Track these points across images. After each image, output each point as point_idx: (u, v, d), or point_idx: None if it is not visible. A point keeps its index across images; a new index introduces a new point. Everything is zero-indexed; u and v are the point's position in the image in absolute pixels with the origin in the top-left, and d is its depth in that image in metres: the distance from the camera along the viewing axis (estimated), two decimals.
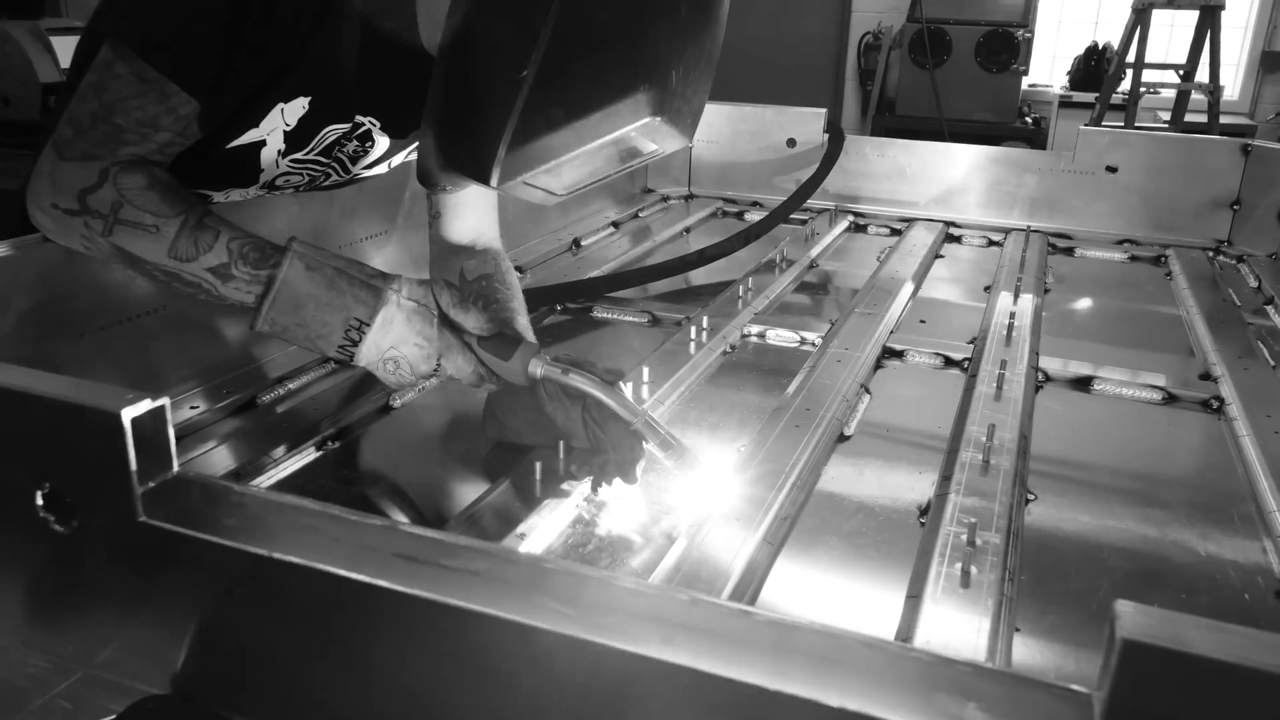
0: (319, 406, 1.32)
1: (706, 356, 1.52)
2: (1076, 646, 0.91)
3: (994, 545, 1.01)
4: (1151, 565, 1.04)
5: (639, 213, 2.49)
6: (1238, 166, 2.28)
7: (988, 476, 1.16)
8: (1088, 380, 1.50)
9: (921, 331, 1.69)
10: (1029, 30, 5.88)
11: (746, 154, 2.66)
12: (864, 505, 1.13)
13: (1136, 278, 2.14)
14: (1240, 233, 2.29)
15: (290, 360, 1.43)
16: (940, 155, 2.52)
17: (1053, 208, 2.42)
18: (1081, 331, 1.78)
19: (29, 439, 0.68)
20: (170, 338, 1.29)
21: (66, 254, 1.08)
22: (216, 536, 0.65)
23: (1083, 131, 2.39)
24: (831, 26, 6.83)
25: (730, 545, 1.00)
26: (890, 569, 1.01)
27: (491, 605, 0.57)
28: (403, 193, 1.73)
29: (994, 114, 6.02)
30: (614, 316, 1.73)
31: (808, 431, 1.26)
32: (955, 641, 0.86)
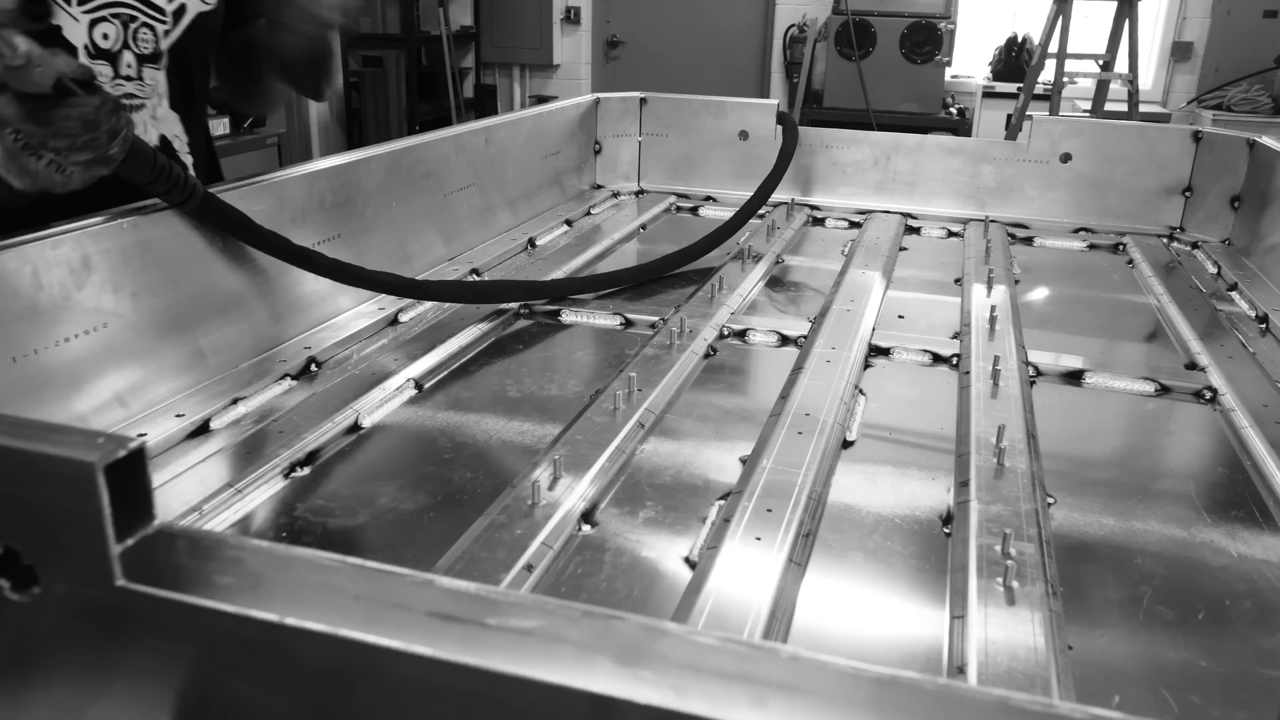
0: (281, 428, 1.20)
1: (689, 360, 1.45)
2: (1133, 665, 0.86)
3: (1029, 556, 0.96)
4: (1186, 570, 1.00)
5: (591, 210, 2.40)
6: (1189, 154, 2.29)
7: (1004, 480, 1.11)
8: (1079, 374, 1.47)
9: (902, 328, 1.64)
10: (951, 22, 5.95)
11: (697, 147, 2.60)
12: (883, 517, 1.07)
13: (1099, 266, 2.13)
14: (1192, 219, 2.30)
15: (241, 377, 1.31)
16: (893, 146, 2.48)
17: (1009, 197, 2.41)
18: (1059, 323, 1.75)
19: None
20: (103, 359, 1.16)
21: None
22: (212, 600, 0.55)
23: (1036, 120, 2.37)
24: (756, 19, 6.82)
25: (757, 568, 0.92)
26: (924, 586, 0.95)
27: (556, 672, 0.49)
28: (356, 194, 1.62)
29: (919, 104, 6.07)
30: (585, 320, 1.65)
31: (811, 438, 1.19)
32: (1016, 667, 0.80)
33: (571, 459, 1.11)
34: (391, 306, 1.62)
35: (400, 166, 1.76)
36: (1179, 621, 0.92)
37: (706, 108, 2.59)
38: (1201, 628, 0.91)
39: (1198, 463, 1.24)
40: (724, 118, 2.57)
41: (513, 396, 1.35)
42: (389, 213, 1.72)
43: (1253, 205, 2.17)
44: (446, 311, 1.65)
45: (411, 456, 1.19)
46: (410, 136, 1.87)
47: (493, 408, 1.32)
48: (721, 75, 6.91)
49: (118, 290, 1.18)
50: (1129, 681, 0.84)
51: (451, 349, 1.49)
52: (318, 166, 1.54)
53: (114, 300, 1.17)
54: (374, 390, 1.32)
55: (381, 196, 1.70)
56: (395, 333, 1.56)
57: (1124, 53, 5.03)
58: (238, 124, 4.73)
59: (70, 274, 1.11)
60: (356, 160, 1.65)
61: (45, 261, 1.08)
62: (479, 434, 1.24)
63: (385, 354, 1.46)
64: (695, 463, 1.18)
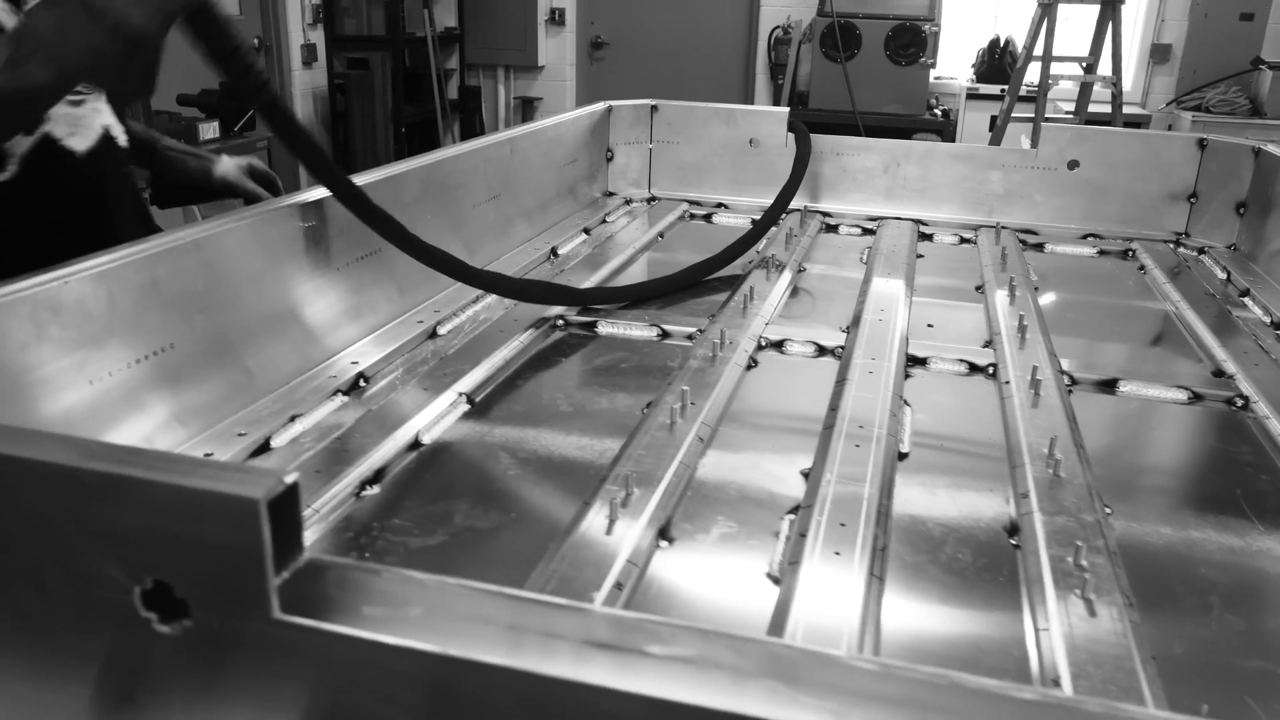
0: (345, 445, 1.21)
1: (734, 372, 1.47)
2: (1215, 674, 0.89)
3: (1100, 567, 0.99)
4: (1249, 578, 1.03)
5: (606, 218, 2.42)
6: (1194, 160, 2.34)
7: (1063, 491, 1.14)
8: (1113, 383, 1.50)
9: (934, 337, 1.67)
10: (935, 24, 6.01)
11: (707, 154, 2.62)
12: (949, 528, 1.10)
13: (1112, 272, 2.17)
14: (1198, 224, 2.35)
15: (293, 394, 1.31)
16: (902, 152, 2.52)
17: (1017, 204, 2.45)
18: (1083, 331, 1.79)
19: (129, 528, 0.58)
20: (160, 380, 1.16)
21: None
22: (371, 632, 0.56)
23: (1045, 128, 2.41)
24: (740, 20, 6.85)
25: (840, 583, 0.94)
26: (1001, 598, 0.98)
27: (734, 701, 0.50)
28: None
29: (904, 106, 6.13)
30: (621, 332, 1.66)
31: (868, 450, 1.21)
32: (1109, 678, 0.83)
33: (639, 475, 1.13)
34: (430, 319, 1.62)
35: (433, 180, 1.77)
36: (1251, 630, 0.95)
37: (717, 115, 2.61)
38: (1274, 636, 0.94)
39: (1240, 471, 1.27)
40: (734, 125, 2.59)
41: (565, 411, 1.37)
42: (422, 225, 1.73)
43: (1258, 211, 2.22)
44: (483, 324, 1.65)
45: (476, 473, 1.20)
46: (439, 150, 1.87)
47: (548, 422, 1.33)
48: (706, 77, 6.94)
49: (178, 312, 1.18)
50: (1212, 690, 0.87)
51: (496, 362, 1.49)
52: (361, 182, 1.54)
53: (175, 322, 1.18)
54: (428, 406, 1.32)
55: (417, 209, 1.70)
56: (436, 345, 1.57)
57: (1107, 55, 5.10)
58: (227, 127, 4.69)
59: (139, 295, 1.11)
60: (393, 175, 1.65)
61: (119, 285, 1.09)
62: (539, 449, 1.25)
63: (431, 368, 1.46)
64: (757, 476, 1.20)
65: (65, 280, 1.02)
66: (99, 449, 0.59)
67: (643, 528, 1.03)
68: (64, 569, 0.60)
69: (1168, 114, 6.12)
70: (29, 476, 0.59)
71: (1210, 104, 5.92)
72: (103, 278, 1.06)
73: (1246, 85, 5.94)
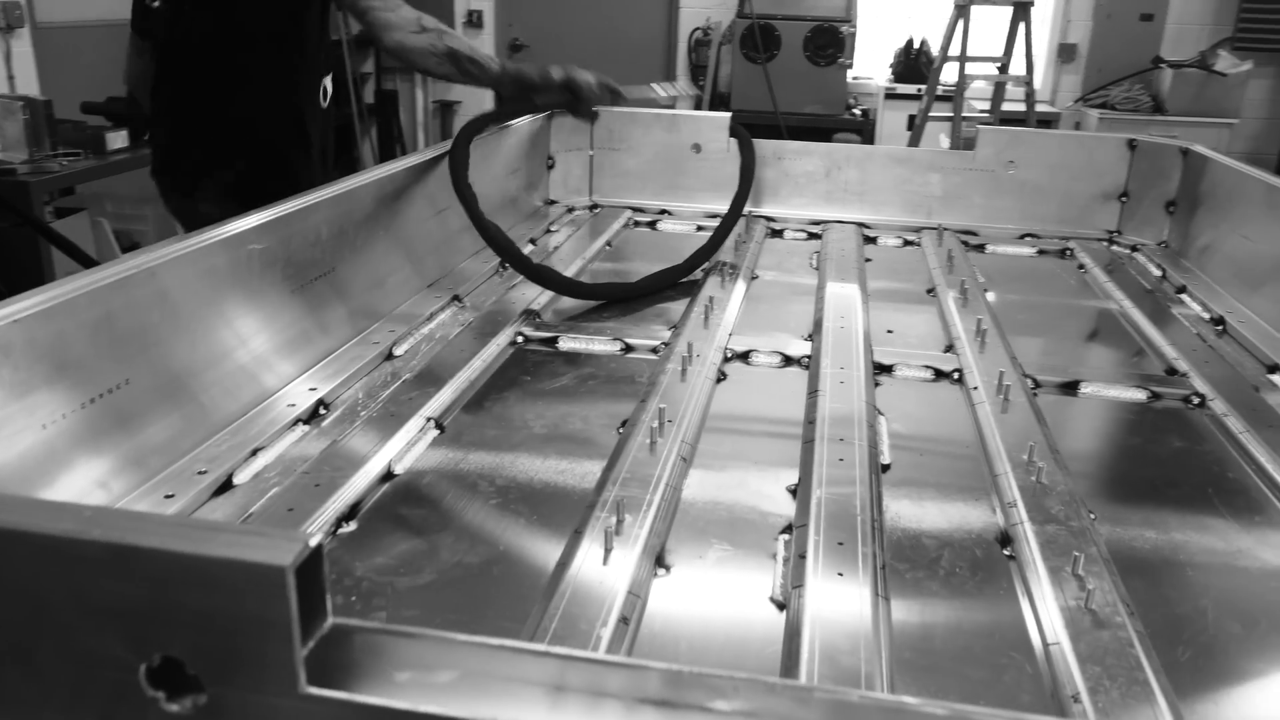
0: (315, 480, 1.15)
1: (704, 386, 1.45)
2: (1225, 680, 0.90)
3: (1097, 576, 0.99)
4: (1237, 580, 1.05)
5: (550, 227, 2.38)
6: (1124, 160, 2.40)
7: (1050, 498, 1.14)
8: (1075, 385, 1.52)
9: (895, 343, 1.67)
10: (852, 25, 6.09)
11: (649, 161, 2.59)
12: (942, 541, 1.09)
13: (1054, 272, 2.21)
14: (1129, 223, 2.42)
15: (251, 425, 1.25)
16: (843, 156, 2.53)
17: (957, 205, 2.48)
18: (1037, 332, 1.82)
19: (136, 602, 0.53)
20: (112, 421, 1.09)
21: None
22: (409, 702, 0.52)
23: (982, 131, 2.46)
24: (660, 22, 6.85)
25: (848, 606, 0.93)
26: (1006, 614, 0.97)
27: None
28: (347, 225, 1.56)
29: (824, 106, 6.21)
30: (584, 347, 1.63)
31: (852, 465, 1.20)
32: (1127, 691, 0.83)
33: (627, 500, 1.10)
34: (385, 339, 1.57)
35: (385, 193, 1.71)
36: (1246, 633, 0.96)
37: (659, 121, 2.59)
38: (1269, 637, 0.96)
39: (1208, 470, 1.30)
40: (676, 131, 2.58)
41: (539, 433, 1.33)
42: (373, 243, 1.67)
43: (1186, 209, 2.29)
44: (439, 343, 1.60)
45: (456, 504, 1.15)
46: (384, 165, 1.81)
47: (523, 446, 1.29)
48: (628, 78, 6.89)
49: (133, 345, 1.11)
50: (1228, 697, 0.88)
51: (460, 384, 1.45)
52: (309, 201, 1.48)
53: (130, 357, 1.11)
54: (396, 434, 1.27)
55: (369, 226, 1.65)
56: (394, 367, 1.51)
57: (1019, 55, 5.23)
58: (136, 135, 4.49)
59: (94, 331, 1.04)
60: (340, 193, 1.59)
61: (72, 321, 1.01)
62: (518, 475, 1.21)
63: (393, 392, 1.41)
64: (744, 495, 1.18)
65: (15, 318, 0.94)
66: (100, 516, 0.54)
67: (639, 556, 1.01)
68: (59, 648, 0.55)
69: (1075, 111, 6.32)
70: (20, 550, 0.54)
71: (1115, 101, 6.13)
72: (53, 314, 0.99)
73: (1148, 83, 6.16)
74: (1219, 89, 5.90)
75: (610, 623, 0.90)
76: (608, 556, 1.00)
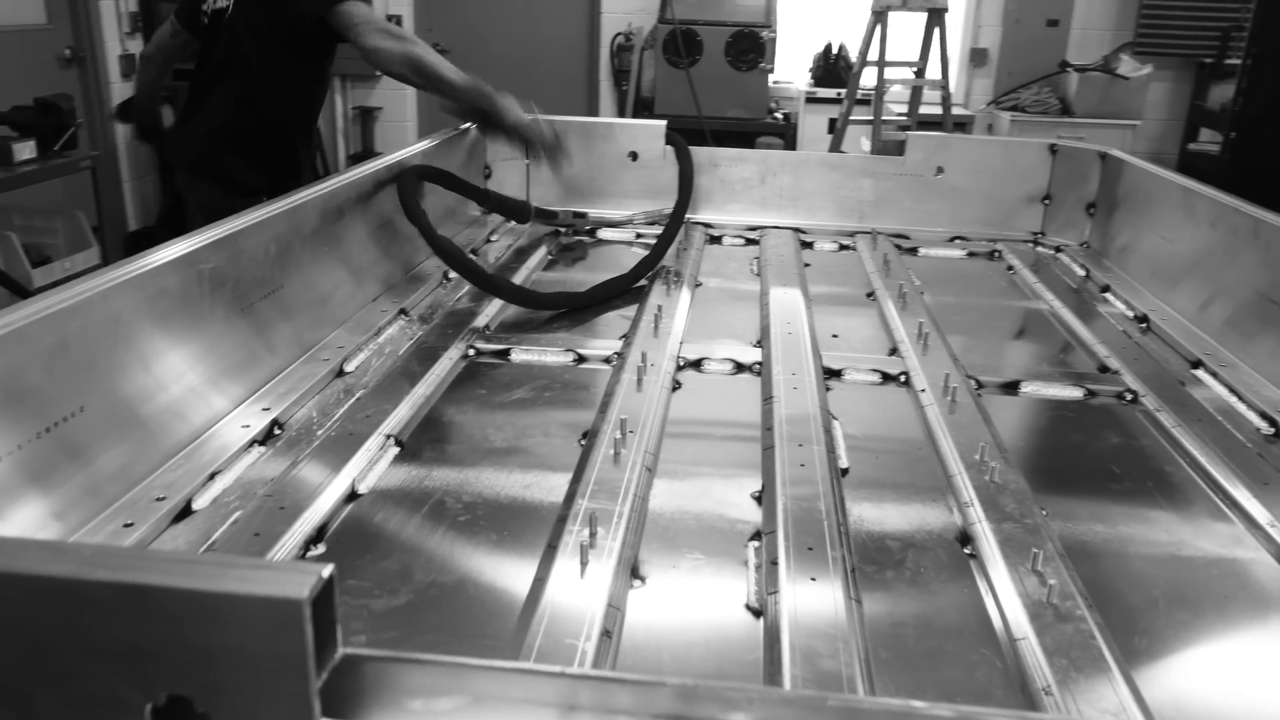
0: (279, 503, 1.13)
1: (661, 395, 1.46)
2: (1182, 665, 0.95)
3: (1056, 571, 1.03)
4: (1181, 570, 1.11)
5: (490, 237, 2.37)
6: (1046, 164, 2.49)
7: (1004, 496, 1.18)
8: (1015, 384, 1.58)
9: (841, 347, 1.71)
10: (772, 30, 6.19)
11: (586, 169, 2.60)
12: (905, 542, 1.13)
13: (985, 274, 2.28)
14: (1052, 224, 2.51)
15: (206, 448, 1.22)
16: (777, 162, 2.57)
17: (889, 209, 2.54)
18: (974, 332, 1.87)
19: (142, 642, 0.53)
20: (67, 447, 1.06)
21: None
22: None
23: (911, 137, 2.52)
24: (581, 27, 6.85)
25: (824, 610, 0.95)
26: (970, 610, 1.01)
27: None
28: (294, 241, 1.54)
29: (747, 110, 6.29)
30: (538, 359, 1.63)
31: (814, 469, 1.23)
32: (1090, 685, 0.87)
33: (597, 513, 1.10)
34: (335, 356, 1.55)
35: (329, 209, 1.69)
36: (1194, 619, 1.01)
37: (595, 129, 2.60)
38: (1215, 624, 1.01)
39: (1145, 464, 1.36)
40: (612, 139, 2.59)
41: (501, 447, 1.33)
42: (320, 260, 1.65)
43: (1105, 210, 2.39)
44: (390, 357, 1.59)
45: (425, 522, 1.14)
46: (330, 179, 1.78)
47: (486, 460, 1.29)
48: (550, 83, 6.90)
49: (87, 372, 1.08)
50: (1185, 682, 0.92)
51: (416, 399, 1.44)
52: (250, 221, 1.45)
53: (84, 383, 1.08)
54: (356, 453, 1.26)
55: (314, 243, 1.62)
56: (346, 384, 1.49)
57: (935, 60, 5.37)
58: (45, 145, 4.33)
59: (49, 357, 1.01)
60: (286, 209, 1.56)
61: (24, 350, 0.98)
62: (484, 491, 1.21)
63: (349, 409, 1.39)
64: (710, 503, 1.20)
65: None
66: (102, 556, 0.53)
67: (614, 569, 1.01)
68: (60, 692, 0.54)
69: (988, 114, 6.51)
70: (14, 592, 0.53)
71: (1025, 104, 6.32)
72: (5, 343, 0.96)
73: (1056, 86, 6.38)
74: (1122, 91, 6.14)
75: (594, 636, 0.91)
76: (584, 570, 1.00)
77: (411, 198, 1.88)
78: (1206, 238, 1.89)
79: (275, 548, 1.04)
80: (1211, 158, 5.63)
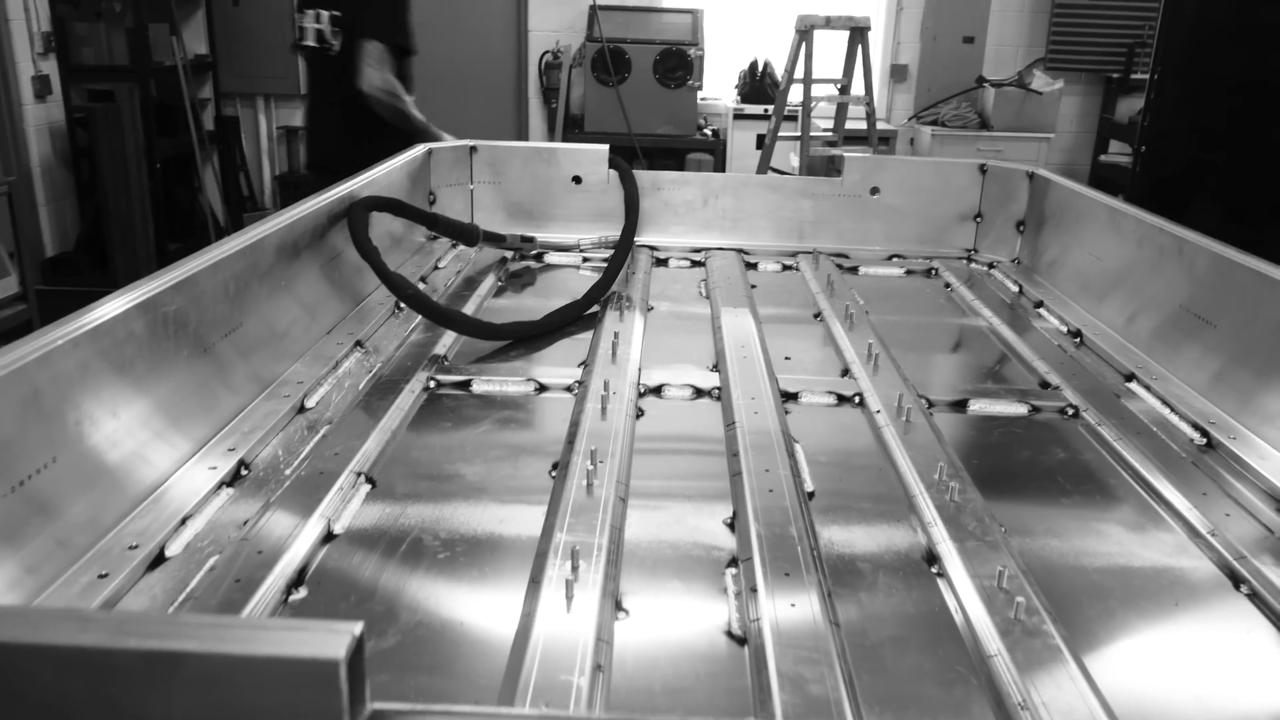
0: (252, 546, 1.13)
1: (625, 423, 1.48)
2: (1144, 671, 1.00)
3: (1019, 586, 1.08)
4: (1133, 580, 1.17)
5: (438, 264, 2.37)
6: (977, 184, 2.58)
7: (964, 515, 1.23)
8: (964, 403, 1.64)
9: (795, 370, 1.76)
10: (699, 48, 6.28)
11: (530, 194, 2.62)
12: (873, 564, 1.17)
13: (922, 290, 2.36)
14: (984, 241, 2.60)
15: (174, 491, 1.21)
16: (719, 185, 2.62)
17: (827, 229, 2.61)
18: (919, 349, 1.93)
19: (174, 708, 0.54)
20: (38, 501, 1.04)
21: None
22: None
23: (848, 159, 2.59)
24: (509, 46, 6.85)
25: (806, 635, 0.98)
26: (945, 631, 1.05)
27: None
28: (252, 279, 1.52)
29: (676, 127, 6.37)
30: (499, 389, 1.64)
31: (782, 495, 1.27)
32: (1061, 697, 0.91)
33: (577, 546, 1.12)
34: (294, 392, 1.54)
35: (285, 245, 1.68)
36: (1150, 627, 1.07)
37: (538, 155, 2.62)
38: (1169, 630, 1.07)
39: (1092, 477, 1.43)
40: (555, 164, 2.61)
41: (472, 481, 1.34)
42: (279, 296, 1.64)
43: (1034, 227, 2.49)
44: (350, 391, 1.59)
45: (404, 562, 1.15)
46: (282, 214, 1.77)
47: (460, 496, 1.29)
48: (479, 101, 6.89)
49: (57, 423, 1.06)
50: (1148, 687, 0.97)
51: (383, 434, 1.44)
52: (210, 260, 1.44)
53: (51, 438, 1.06)
54: (328, 492, 1.26)
55: (272, 279, 1.61)
56: (309, 420, 1.48)
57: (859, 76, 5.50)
58: None
59: (22, 408, 0.99)
60: (243, 247, 1.55)
61: None
62: (460, 527, 1.22)
63: (315, 446, 1.39)
64: (685, 531, 1.22)
65: None
66: (132, 623, 0.54)
67: (599, 602, 1.03)
68: None
69: (910, 128, 6.69)
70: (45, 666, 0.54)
71: (945, 119, 6.52)
72: None
73: (974, 101, 6.59)
74: (1036, 106, 6.36)
75: (586, 671, 0.93)
76: (569, 604, 1.02)
77: (363, 232, 1.87)
78: (1131, 254, 1.99)
79: (257, 594, 1.04)
80: (1122, 169, 5.87)
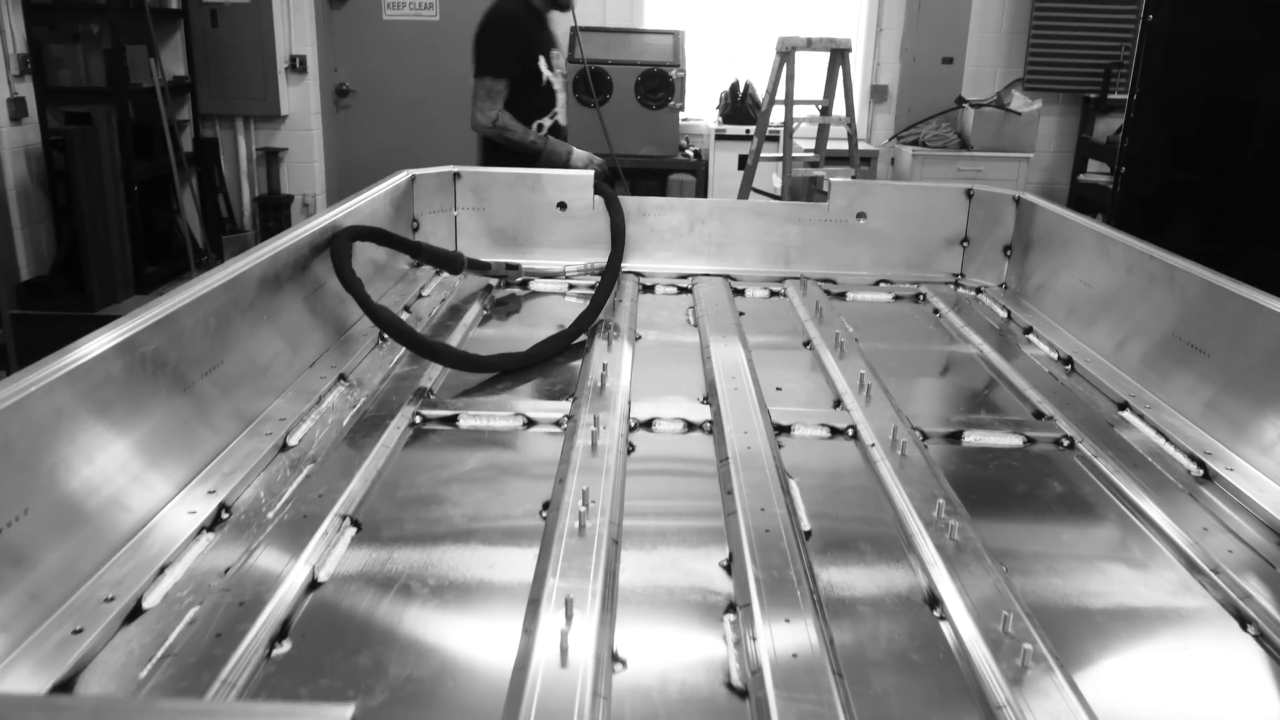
0: (233, 597, 1.09)
1: (616, 460, 1.45)
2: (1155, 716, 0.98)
3: (1025, 631, 1.06)
4: (1138, 623, 1.14)
5: (422, 292, 2.33)
6: (963, 209, 2.58)
7: (965, 555, 1.21)
8: (958, 434, 1.62)
9: (787, 401, 1.73)
10: (681, 69, 6.28)
11: (514, 220, 2.59)
12: (875, 607, 1.14)
13: (910, 316, 2.34)
14: (971, 266, 2.59)
15: (153, 538, 1.17)
16: (705, 210, 2.60)
17: (814, 255, 2.59)
18: (910, 378, 1.92)
19: None
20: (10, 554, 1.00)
21: None
22: None
23: (835, 183, 2.58)
24: None
25: (810, 688, 0.95)
26: (951, 678, 1.02)
27: None
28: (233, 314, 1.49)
29: (658, 148, 6.37)
30: (486, 424, 1.61)
31: (779, 535, 1.24)
32: None
33: (571, 593, 1.09)
34: (277, 430, 1.50)
35: (268, 277, 1.64)
36: (1158, 671, 1.05)
37: (522, 180, 2.59)
38: (1179, 675, 1.05)
39: (1090, 511, 1.41)
40: (540, 191, 2.59)
41: (460, 523, 1.30)
42: (261, 328, 1.60)
43: (1021, 252, 2.48)
44: (333, 427, 1.55)
45: (392, 611, 1.11)
46: (263, 246, 1.73)
47: (448, 539, 1.26)
48: (458, 123, 6.84)
49: (30, 473, 1.02)
50: None
51: (368, 474, 1.40)
52: (192, 296, 1.41)
53: (24, 488, 1.02)
54: (312, 537, 1.22)
55: (256, 311, 1.58)
56: (291, 459, 1.45)
57: (840, 97, 5.51)
58: None
59: None
60: (227, 280, 1.51)
61: None
62: (449, 573, 1.18)
63: (298, 488, 1.35)
64: (680, 575, 1.19)
65: None
66: (108, 711, 0.50)
67: (594, 653, 1.00)
68: None
69: (890, 149, 6.71)
70: None
71: (925, 139, 6.55)
72: None
73: (954, 121, 6.62)
74: (1015, 126, 6.40)
75: None
76: (564, 657, 0.99)
77: (346, 263, 1.84)
78: (1121, 280, 1.98)
79: (239, 649, 1.00)
80: (1101, 188, 5.90)
